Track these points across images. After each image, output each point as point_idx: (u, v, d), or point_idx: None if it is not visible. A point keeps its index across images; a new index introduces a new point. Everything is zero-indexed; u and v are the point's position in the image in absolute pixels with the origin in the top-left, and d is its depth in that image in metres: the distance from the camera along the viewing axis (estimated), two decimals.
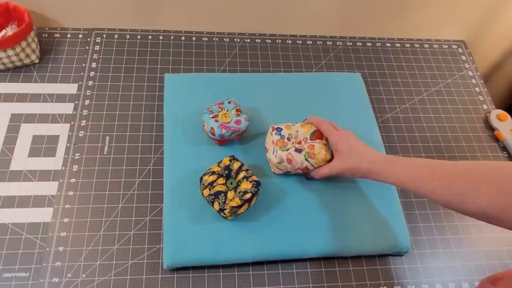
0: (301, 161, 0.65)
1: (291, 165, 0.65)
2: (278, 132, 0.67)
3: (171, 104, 0.77)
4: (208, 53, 0.88)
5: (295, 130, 0.68)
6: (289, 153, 0.65)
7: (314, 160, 0.65)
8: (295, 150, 0.66)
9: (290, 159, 0.65)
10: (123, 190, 0.69)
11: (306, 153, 0.65)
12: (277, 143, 0.66)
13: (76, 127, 0.75)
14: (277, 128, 0.68)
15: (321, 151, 0.66)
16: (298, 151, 0.65)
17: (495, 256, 0.71)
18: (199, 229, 0.65)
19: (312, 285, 0.65)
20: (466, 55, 0.98)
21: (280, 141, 0.66)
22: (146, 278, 0.62)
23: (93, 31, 0.87)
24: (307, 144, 0.66)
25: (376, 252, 0.68)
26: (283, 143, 0.66)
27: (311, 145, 0.66)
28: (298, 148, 0.66)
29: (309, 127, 0.69)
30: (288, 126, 0.68)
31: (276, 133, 0.67)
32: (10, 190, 0.68)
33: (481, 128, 0.86)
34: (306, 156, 0.65)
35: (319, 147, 0.66)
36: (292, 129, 0.68)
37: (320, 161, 0.66)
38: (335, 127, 0.69)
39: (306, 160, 0.65)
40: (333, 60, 0.91)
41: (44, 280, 0.60)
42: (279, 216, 0.67)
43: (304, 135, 0.68)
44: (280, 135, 0.67)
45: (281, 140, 0.67)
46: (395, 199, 0.72)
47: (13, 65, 0.78)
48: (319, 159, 0.66)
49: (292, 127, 0.68)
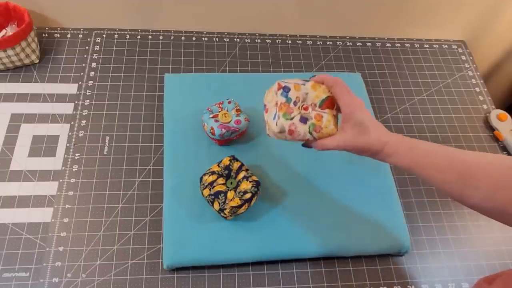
0: (304, 133, 0.56)
1: (292, 136, 0.56)
2: (285, 92, 0.55)
3: (171, 104, 0.77)
4: (208, 53, 0.88)
5: (304, 91, 0.57)
6: (292, 123, 0.55)
7: (319, 134, 0.56)
8: (300, 119, 0.55)
9: (292, 130, 0.55)
10: (123, 190, 0.69)
11: (311, 125, 0.55)
12: (281, 107, 0.55)
13: (76, 127, 0.75)
14: (284, 88, 0.56)
15: (329, 125, 0.56)
16: (303, 120, 0.55)
17: (495, 256, 0.71)
18: (199, 229, 0.65)
19: (312, 285, 0.65)
20: (466, 55, 0.98)
21: (285, 105, 0.55)
22: (146, 278, 0.62)
23: (93, 31, 0.87)
24: (314, 113, 0.56)
25: (376, 252, 0.68)
26: (288, 109, 0.55)
27: (319, 115, 0.56)
28: (304, 116, 0.55)
29: (322, 90, 0.57)
30: (297, 85, 0.57)
31: (282, 94, 0.56)
32: (10, 190, 0.68)
33: (481, 128, 0.86)
34: (311, 128, 0.55)
35: (327, 119, 0.56)
36: (301, 90, 0.57)
37: (325, 135, 0.56)
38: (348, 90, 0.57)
39: (310, 133, 0.56)
40: (333, 60, 0.91)
41: (44, 280, 0.60)
42: (279, 216, 0.67)
43: (313, 100, 0.57)
44: (286, 98, 0.55)
45: (286, 104, 0.55)
46: (395, 199, 0.72)
47: (13, 65, 0.78)
48: (325, 133, 0.56)
49: (302, 88, 0.57)
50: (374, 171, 0.74)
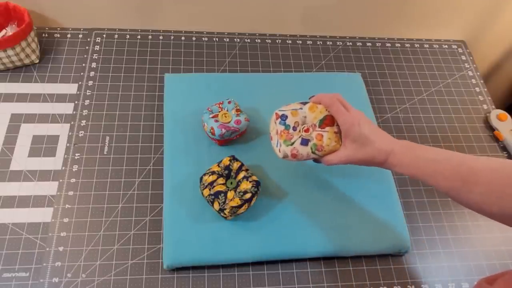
0: (307, 154, 0.59)
1: (296, 159, 0.59)
2: (282, 121, 0.59)
3: (171, 104, 0.77)
4: (208, 53, 0.88)
5: (302, 115, 0.60)
6: (294, 148, 0.58)
7: (322, 152, 0.58)
8: (301, 142, 0.58)
9: (295, 154, 0.58)
10: (123, 190, 0.69)
11: (313, 145, 0.58)
12: (281, 134, 0.59)
13: (76, 127, 0.75)
14: (282, 116, 0.60)
15: (331, 142, 0.58)
16: (304, 142, 0.58)
17: (495, 256, 0.71)
18: (199, 229, 0.65)
19: (312, 285, 0.65)
20: (466, 55, 0.98)
21: (285, 132, 0.59)
22: (146, 278, 0.62)
23: (93, 31, 0.87)
24: (315, 133, 0.59)
25: (376, 252, 0.68)
26: (287, 135, 0.59)
27: (319, 135, 0.58)
28: (305, 138, 0.58)
29: (319, 111, 0.60)
30: (295, 111, 0.60)
31: (280, 123, 0.60)
32: (10, 190, 0.68)
33: (481, 128, 0.86)
34: (313, 148, 0.58)
35: (328, 137, 0.58)
36: (299, 115, 0.60)
37: (329, 152, 0.59)
38: (346, 106, 0.59)
39: (313, 153, 0.59)
40: (333, 60, 0.91)
41: (44, 280, 0.60)
42: (279, 216, 0.67)
43: (312, 121, 0.60)
44: (284, 125, 0.59)
45: (285, 131, 0.59)
46: (395, 199, 0.72)
47: (13, 65, 0.78)
48: (328, 151, 0.59)
49: (299, 112, 0.60)
50: (374, 171, 0.73)
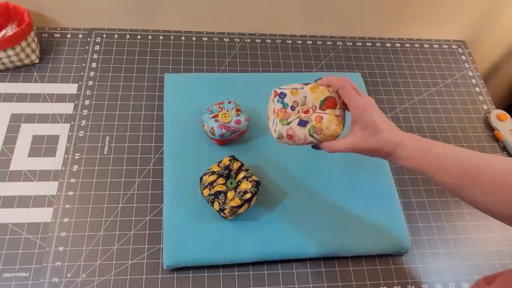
0: (304, 136, 0.55)
1: (293, 141, 0.55)
2: (280, 99, 0.55)
3: (171, 104, 0.77)
4: (208, 53, 0.88)
5: (302, 95, 0.56)
6: (290, 127, 0.54)
7: (321, 135, 0.54)
8: (299, 123, 0.55)
9: (291, 135, 0.55)
10: (123, 190, 0.69)
11: (311, 127, 0.54)
12: (278, 113, 0.55)
13: (76, 127, 0.75)
14: (280, 94, 0.56)
15: (331, 126, 0.54)
16: (302, 124, 0.54)
17: (495, 256, 0.71)
18: (199, 229, 0.65)
19: (312, 285, 0.65)
20: (466, 55, 0.98)
21: (282, 111, 0.55)
22: (146, 278, 0.62)
23: (93, 31, 0.87)
24: (315, 115, 0.55)
25: (376, 252, 0.68)
26: (284, 114, 0.55)
27: (319, 117, 0.54)
28: (304, 119, 0.55)
29: (321, 91, 0.55)
30: (295, 90, 0.56)
31: (278, 101, 0.56)
32: (10, 190, 0.68)
33: (481, 128, 0.86)
34: (311, 130, 0.54)
35: (328, 119, 0.54)
36: (299, 95, 0.56)
37: (329, 136, 0.55)
38: (357, 90, 0.55)
39: (311, 135, 0.55)
40: (333, 60, 0.91)
41: (44, 280, 0.61)
42: (279, 216, 0.67)
43: (313, 102, 0.55)
44: (282, 103, 0.55)
45: (282, 110, 0.55)
46: (395, 199, 0.72)
47: (13, 65, 0.78)
48: (327, 135, 0.54)
49: (300, 91, 0.56)
50: (374, 171, 0.74)
